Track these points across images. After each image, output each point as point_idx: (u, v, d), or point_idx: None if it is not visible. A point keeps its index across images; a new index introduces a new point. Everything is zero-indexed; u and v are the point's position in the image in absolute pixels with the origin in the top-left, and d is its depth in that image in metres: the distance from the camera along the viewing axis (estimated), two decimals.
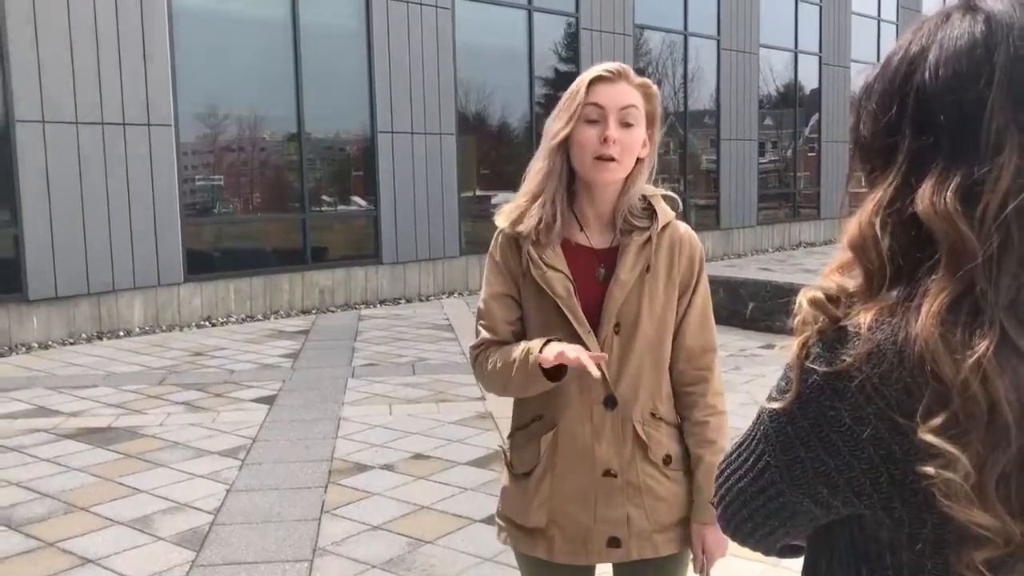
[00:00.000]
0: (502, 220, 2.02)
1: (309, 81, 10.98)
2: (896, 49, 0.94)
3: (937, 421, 0.82)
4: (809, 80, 20.07)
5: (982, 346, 0.81)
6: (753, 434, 1.00)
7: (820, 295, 0.93)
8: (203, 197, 10.77)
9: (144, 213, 9.63)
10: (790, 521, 1.00)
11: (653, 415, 1.98)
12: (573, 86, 1.97)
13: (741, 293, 9.33)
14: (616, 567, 2.08)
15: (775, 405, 0.95)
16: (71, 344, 8.98)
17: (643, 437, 1.96)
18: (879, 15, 21.81)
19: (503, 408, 6.25)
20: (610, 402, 1.95)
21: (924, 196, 0.86)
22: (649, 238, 1.97)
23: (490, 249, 2.07)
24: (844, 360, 0.89)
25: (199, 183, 10.75)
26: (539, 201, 1.96)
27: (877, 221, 0.89)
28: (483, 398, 6.55)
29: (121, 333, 9.43)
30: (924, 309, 0.84)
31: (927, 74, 0.89)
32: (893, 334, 0.87)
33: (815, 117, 20.25)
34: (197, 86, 10.15)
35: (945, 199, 0.84)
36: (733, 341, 8.55)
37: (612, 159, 1.91)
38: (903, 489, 0.87)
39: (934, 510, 0.85)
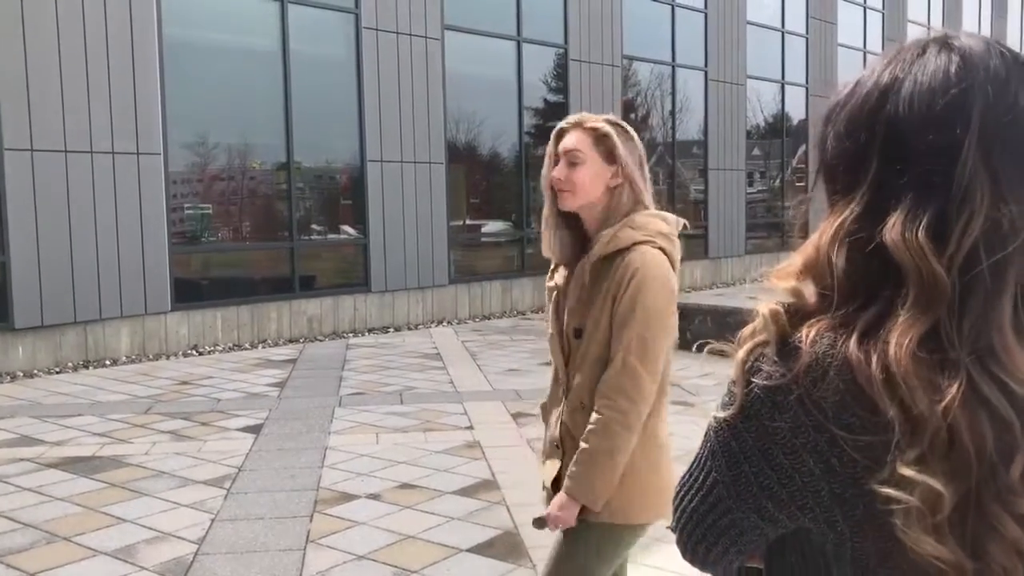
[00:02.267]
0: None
1: (299, 110, 11.01)
2: (868, 74, 0.94)
3: (911, 455, 0.83)
4: (796, 111, 20.25)
5: (953, 388, 0.82)
6: (702, 452, 1.02)
7: (780, 309, 0.94)
8: (191, 226, 10.76)
9: (132, 242, 9.61)
10: (740, 538, 1.00)
11: (581, 403, 2.36)
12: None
13: (728, 322, 9.34)
14: None
15: (720, 414, 0.96)
16: (57, 373, 8.93)
17: (567, 422, 2.38)
18: (864, 46, 22.05)
19: (491, 437, 6.24)
20: (566, 393, 2.42)
21: (894, 229, 0.86)
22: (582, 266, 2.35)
23: None
24: (784, 374, 0.90)
25: (187, 212, 10.74)
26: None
27: (837, 245, 0.90)
28: (471, 427, 6.53)
29: (108, 362, 9.38)
30: (896, 341, 0.84)
31: (900, 107, 0.89)
32: (832, 347, 0.88)
33: (802, 147, 20.40)
34: (186, 115, 10.17)
35: (917, 236, 0.84)
36: (721, 370, 8.52)
37: (562, 190, 2.34)
38: (843, 503, 0.88)
39: (875, 524, 0.86)
